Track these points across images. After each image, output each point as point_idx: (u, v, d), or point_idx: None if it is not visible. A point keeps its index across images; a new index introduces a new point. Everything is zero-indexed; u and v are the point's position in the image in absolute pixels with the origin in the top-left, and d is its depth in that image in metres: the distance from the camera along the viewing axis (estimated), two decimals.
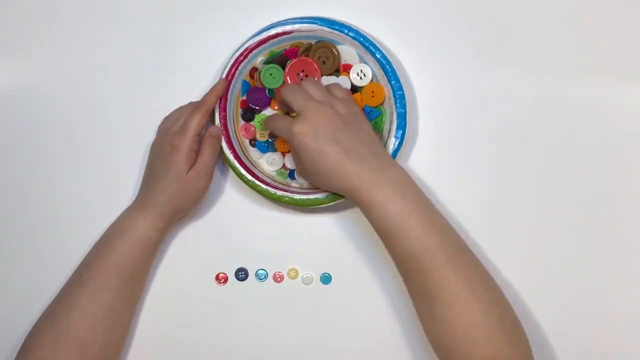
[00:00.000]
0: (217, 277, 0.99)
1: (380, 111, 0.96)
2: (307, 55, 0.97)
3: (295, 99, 0.89)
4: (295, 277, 0.99)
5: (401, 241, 0.84)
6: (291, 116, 0.94)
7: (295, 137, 0.87)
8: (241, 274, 1.00)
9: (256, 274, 1.00)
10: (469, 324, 0.82)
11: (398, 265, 0.87)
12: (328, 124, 0.87)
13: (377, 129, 0.96)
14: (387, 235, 0.86)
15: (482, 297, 0.83)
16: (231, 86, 0.96)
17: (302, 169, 0.90)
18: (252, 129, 0.98)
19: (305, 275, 0.99)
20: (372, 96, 0.96)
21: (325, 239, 1.00)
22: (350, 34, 0.94)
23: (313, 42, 0.97)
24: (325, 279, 0.99)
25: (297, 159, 0.91)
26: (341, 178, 0.86)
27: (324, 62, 0.97)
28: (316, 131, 0.86)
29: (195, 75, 0.99)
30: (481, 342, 0.81)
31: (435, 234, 0.84)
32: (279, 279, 0.99)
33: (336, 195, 0.93)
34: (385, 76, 0.94)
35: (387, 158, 0.89)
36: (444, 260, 0.83)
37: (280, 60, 0.97)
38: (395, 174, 0.87)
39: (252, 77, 0.98)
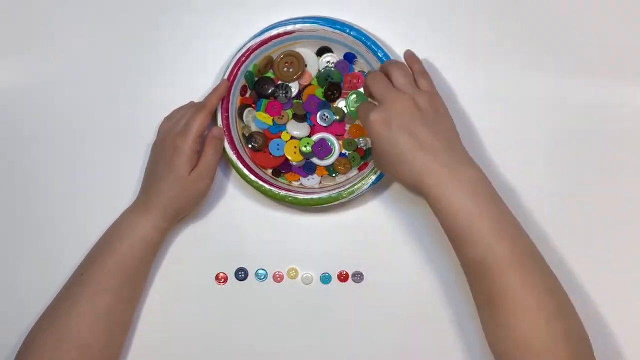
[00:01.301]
0: (217, 277, 0.99)
1: None
2: (271, 68, 0.98)
3: (377, 87, 0.87)
4: (295, 277, 0.99)
5: (468, 245, 0.82)
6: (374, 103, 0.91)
7: (370, 125, 0.85)
8: (241, 274, 0.99)
9: (256, 274, 0.99)
10: (529, 333, 0.79)
11: (464, 267, 0.85)
12: (404, 114, 0.84)
13: None
14: (454, 237, 0.83)
15: (547, 307, 0.80)
16: (233, 87, 0.96)
17: (377, 158, 0.88)
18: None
19: (305, 275, 0.99)
20: None
21: (326, 239, 1.00)
22: (352, 33, 0.94)
23: (272, 54, 0.98)
24: (325, 279, 0.99)
25: (373, 148, 0.88)
26: (410, 170, 0.83)
27: (290, 70, 0.98)
28: (391, 120, 0.84)
29: (197, 76, 0.99)
30: (540, 352, 0.79)
31: (505, 240, 0.81)
32: (279, 279, 0.99)
33: (340, 195, 0.94)
34: None
35: (463, 155, 0.86)
36: (512, 267, 0.80)
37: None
38: (469, 172, 0.83)
39: (242, 95, 0.99)
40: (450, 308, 0.96)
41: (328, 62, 0.99)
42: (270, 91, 0.98)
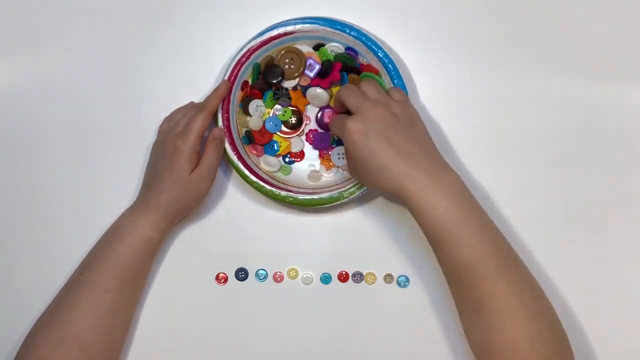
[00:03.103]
0: (217, 277, 0.99)
1: None
2: (273, 63, 0.98)
3: (350, 98, 0.88)
4: (295, 277, 0.99)
5: (452, 249, 0.83)
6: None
7: (347, 134, 0.85)
8: (241, 274, 0.99)
9: (256, 274, 0.99)
10: (516, 334, 0.81)
11: (446, 271, 0.85)
12: (381, 122, 0.85)
13: None
14: (437, 242, 0.84)
15: (531, 307, 0.82)
16: (234, 87, 0.96)
17: (353, 167, 0.89)
18: (261, 148, 0.99)
19: (305, 275, 0.99)
20: None
21: (326, 239, 1.00)
22: (352, 33, 0.94)
23: (273, 54, 0.98)
24: (325, 279, 0.99)
25: (348, 156, 0.89)
26: (391, 177, 0.84)
27: (291, 66, 0.98)
28: (368, 129, 0.85)
29: (197, 76, 1.00)
30: (527, 352, 0.80)
31: (487, 243, 0.83)
32: (279, 279, 0.99)
33: (340, 195, 0.94)
34: (387, 75, 0.94)
35: (440, 160, 0.87)
36: (495, 270, 0.82)
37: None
38: (448, 177, 0.84)
39: (242, 90, 0.98)
40: (449, 307, 0.96)
41: (332, 51, 0.98)
42: (278, 79, 0.98)
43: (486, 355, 0.84)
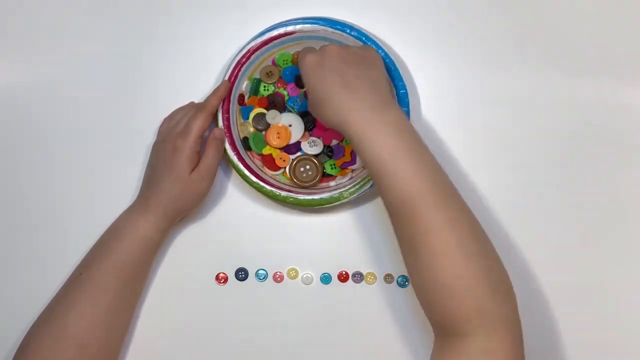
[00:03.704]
0: (217, 277, 0.99)
1: None
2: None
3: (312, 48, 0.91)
4: (295, 277, 0.99)
5: (389, 182, 0.81)
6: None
7: (304, 66, 0.87)
8: (241, 274, 0.99)
9: (256, 274, 0.99)
10: (451, 274, 0.79)
11: (388, 208, 0.84)
12: (336, 56, 0.87)
13: None
14: (376, 174, 0.83)
15: (469, 247, 0.80)
16: (234, 88, 0.96)
17: (309, 101, 0.89)
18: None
19: (305, 275, 0.99)
20: None
21: (326, 239, 1.00)
22: (352, 33, 0.94)
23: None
24: (325, 279, 0.99)
25: (306, 89, 0.90)
26: (336, 109, 0.84)
27: (309, 173, 0.98)
28: (323, 61, 0.86)
29: (197, 76, 1.00)
30: (461, 293, 0.79)
31: (426, 177, 0.81)
32: (279, 279, 0.99)
33: (340, 195, 0.94)
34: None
35: (387, 98, 0.86)
36: (433, 205, 0.80)
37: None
38: (392, 114, 0.84)
39: (239, 103, 0.98)
40: None
41: None
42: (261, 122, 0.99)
43: (424, 295, 0.82)
